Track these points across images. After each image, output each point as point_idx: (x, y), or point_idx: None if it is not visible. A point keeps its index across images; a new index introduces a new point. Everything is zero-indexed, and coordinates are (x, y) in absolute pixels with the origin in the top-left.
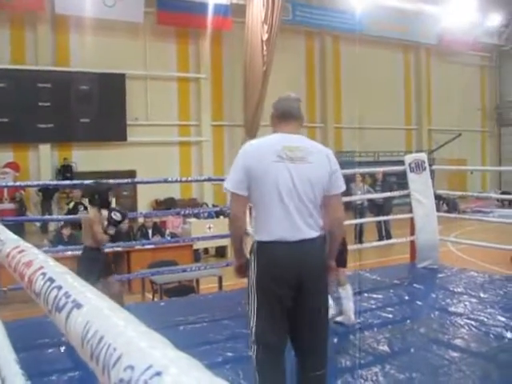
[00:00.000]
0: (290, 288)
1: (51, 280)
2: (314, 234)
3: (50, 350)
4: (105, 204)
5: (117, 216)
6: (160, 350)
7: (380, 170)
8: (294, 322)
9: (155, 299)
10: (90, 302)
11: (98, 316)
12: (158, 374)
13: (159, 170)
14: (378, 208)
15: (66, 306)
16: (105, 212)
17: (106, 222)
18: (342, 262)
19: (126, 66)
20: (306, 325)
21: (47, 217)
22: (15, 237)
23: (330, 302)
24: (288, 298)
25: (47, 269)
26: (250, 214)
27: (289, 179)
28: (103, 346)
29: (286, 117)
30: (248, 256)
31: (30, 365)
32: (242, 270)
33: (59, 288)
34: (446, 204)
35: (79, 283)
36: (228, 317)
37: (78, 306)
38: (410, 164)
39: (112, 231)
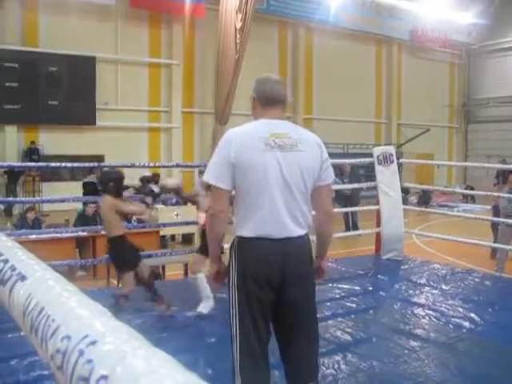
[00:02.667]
0: (272, 289)
1: None
2: (300, 231)
3: (8, 335)
4: (120, 192)
5: (156, 188)
6: (99, 319)
7: (348, 161)
8: (281, 327)
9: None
10: (35, 275)
11: (41, 288)
12: (93, 343)
13: (128, 156)
14: (345, 199)
15: (10, 279)
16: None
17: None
18: (204, 250)
19: (97, 49)
20: (293, 330)
21: (38, 199)
22: None
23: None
24: (269, 299)
25: None
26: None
27: (278, 170)
28: (42, 318)
29: (271, 102)
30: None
31: None
32: (221, 277)
33: (5, 261)
34: (418, 197)
35: (28, 257)
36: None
37: (23, 278)
38: (378, 156)
39: (149, 201)
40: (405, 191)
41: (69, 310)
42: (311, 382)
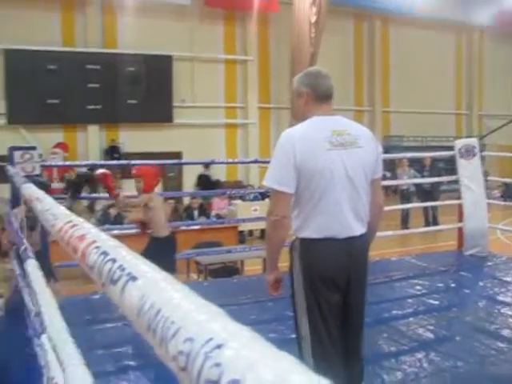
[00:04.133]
0: (338, 288)
1: (105, 253)
2: (362, 230)
3: (99, 327)
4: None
5: None
6: (219, 322)
7: (428, 155)
8: (342, 324)
9: (199, 279)
10: (145, 275)
11: (153, 289)
12: (219, 346)
13: (205, 152)
14: (425, 194)
15: (120, 279)
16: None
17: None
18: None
19: (173, 48)
20: (351, 326)
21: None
22: (67, 211)
23: None
24: (335, 298)
25: (100, 242)
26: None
27: (343, 168)
28: (160, 319)
29: (326, 97)
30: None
31: (80, 341)
32: (278, 285)
33: (113, 261)
34: (501, 190)
35: (133, 256)
36: (271, 299)
37: (134, 278)
38: (459, 149)
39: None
40: (487, 185)
41: (187, 312)
42: (360, 364)
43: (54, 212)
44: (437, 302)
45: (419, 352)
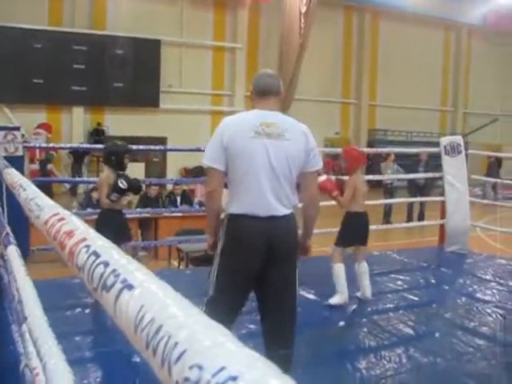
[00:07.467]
0: (255, 262)
1: (96, 254)
2: (285, 211)
3: (75, 311)
4: (120, 166)
5: (123, 184)
6: (231, 349)
7: (425, 150)
8: (261, 299)
9: (181, 267)
10: (142, 285)
11: (153, 301)
12: (234, 379)
13: (190, 138)
14: (417, 189)
15: (114, 286)
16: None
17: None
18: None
19: (162, 32)
20: (272, 303)
21: (77, 179)
22: (52, 202)
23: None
24: (252, 272)
25: (90, 241)
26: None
27: (265, 155)
28: (162, 338)
29: (264, 93)
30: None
31: (55, 325)
32: (215, 247)
33: (106, 264)
34: (483, 188)
35: (126, 260)
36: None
37: (129, 287)
38: (445, 146)
39: (114, 198)
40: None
41: (192, 334)
42: (285, 350)
43: (39, 203)
44: (417, 298)
45: (398, 348)
